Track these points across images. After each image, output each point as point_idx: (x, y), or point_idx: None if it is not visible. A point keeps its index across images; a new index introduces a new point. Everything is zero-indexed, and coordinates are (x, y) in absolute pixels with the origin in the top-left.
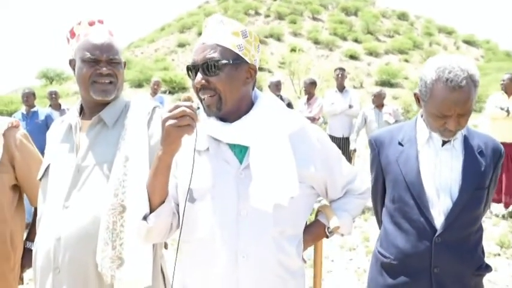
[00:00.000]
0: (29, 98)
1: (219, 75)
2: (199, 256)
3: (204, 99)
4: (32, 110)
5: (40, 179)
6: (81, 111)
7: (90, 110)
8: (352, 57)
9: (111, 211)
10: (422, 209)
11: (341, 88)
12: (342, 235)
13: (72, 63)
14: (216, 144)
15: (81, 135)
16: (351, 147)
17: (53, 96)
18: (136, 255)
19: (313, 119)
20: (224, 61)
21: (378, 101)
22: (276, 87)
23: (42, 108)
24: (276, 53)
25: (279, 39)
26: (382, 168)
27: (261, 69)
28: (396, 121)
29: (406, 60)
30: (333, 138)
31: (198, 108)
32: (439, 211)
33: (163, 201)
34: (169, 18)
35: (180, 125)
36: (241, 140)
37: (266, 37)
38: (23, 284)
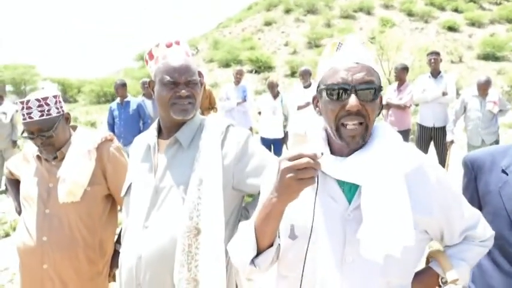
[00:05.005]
0: (119, 89)
1: (374, 102)
2: None
3: (347, 125)
4: (125, 100)
5: (123, 197)
6: (159, 130)
7: (167, 129)
8: (451, 28)
9: (186, 234)
10: None
11: (435, 73)
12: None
13: (151, 84)
14: (322, 177)
15: (159, 155)
16: (448, 138)
17: (146, 86)
18: (211, 278)
19: (403, 107)
20: (381, 88)
21: (484, 92)
22: None
23: (135, 98)
24: (366, 27)
25: (368, 12)
26: (479, 196)
27: None
28: (501, 111)
29: None
30: (423, 128)
31: (322, 154)
32: None
33: (272, 244)
34: None
35: (303, 177)
36: (354, 177)
37: (355, 11)
38: (114, 281)
